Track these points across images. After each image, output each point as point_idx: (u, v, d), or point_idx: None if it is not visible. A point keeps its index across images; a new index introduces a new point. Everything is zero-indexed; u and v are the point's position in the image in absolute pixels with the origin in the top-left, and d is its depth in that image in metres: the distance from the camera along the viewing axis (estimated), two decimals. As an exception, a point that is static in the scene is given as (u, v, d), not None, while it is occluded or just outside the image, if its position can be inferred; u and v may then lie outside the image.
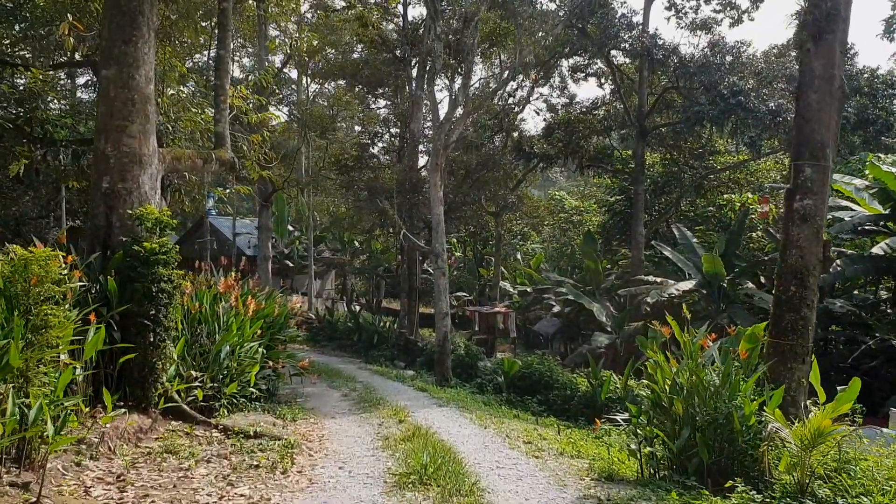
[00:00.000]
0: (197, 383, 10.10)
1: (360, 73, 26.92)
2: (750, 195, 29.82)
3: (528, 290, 32.60)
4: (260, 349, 11.14)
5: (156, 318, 8.54)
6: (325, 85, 44.10)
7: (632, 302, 25.73)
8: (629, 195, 33.94)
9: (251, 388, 11.20)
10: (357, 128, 30.70)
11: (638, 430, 7.60)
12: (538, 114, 43.23)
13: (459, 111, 17.80)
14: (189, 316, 10.88)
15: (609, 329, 23.67)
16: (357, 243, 42.30)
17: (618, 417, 8.32)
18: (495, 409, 13.56)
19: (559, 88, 39.64)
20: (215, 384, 10.53)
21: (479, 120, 23.36)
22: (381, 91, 28.49)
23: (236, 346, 11.04)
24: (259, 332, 12.07)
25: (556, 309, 30.28)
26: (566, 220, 38.93)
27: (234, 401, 10.91)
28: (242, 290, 13.51)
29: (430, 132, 24.16)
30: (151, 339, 8.57)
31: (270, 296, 13.60)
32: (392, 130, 26.11)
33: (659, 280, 24.56)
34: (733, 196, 29.92)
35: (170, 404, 8.91)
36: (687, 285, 22.88)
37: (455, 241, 42.54)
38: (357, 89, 30.47)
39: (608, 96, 30.66)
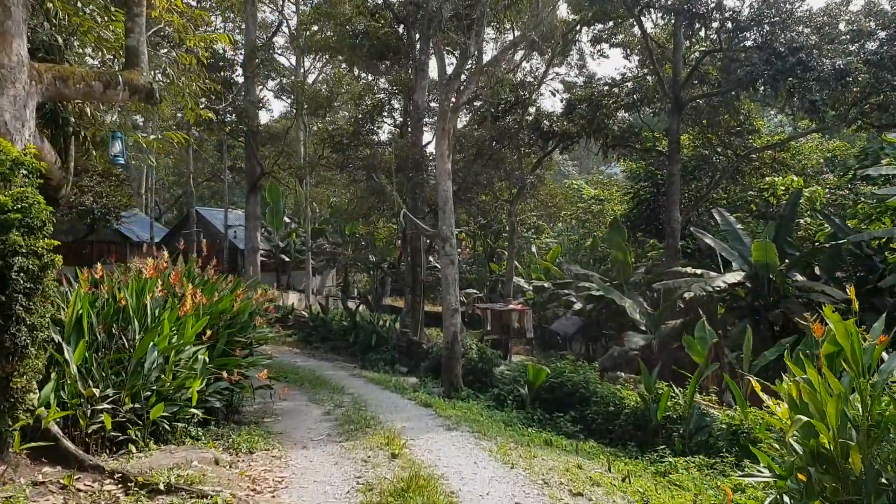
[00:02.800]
0: (106, 405, 7.19)
1: (359, 47, 23.90)
2: (795, 177, 26.67)
3: (546, 285, 29.52)
4: (200, 356, 8.13)
5: (9, 310, 5.55)
6: (324, 68, 41.24)
7: (667, 297, 22.62)
8: (656, 181, 30.88)
9: (192, 409, 8.22)
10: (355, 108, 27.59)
11: (787, 500, 4.48)
12: (554, 94, 40.05)
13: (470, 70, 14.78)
14: (104, 311, 7.92)
15: (643, 328, 20.56)
16: (359, 236, 39.31)
17: (752, 476, 5.14)
18: (519, 432, 10.51)
19: (577, 67, 36.70)
20: (137, 405, 7.60)
21: (495, 91, 20.28)
22: (382, 66, 25.39)
23: (170, 352, 8.08)
24: (209, 332, 9.09)
25: (578, 306, 27.18)
26: (585, 210, 35.80)
27: (168, 427, 7.95)
28: (196, 281, 10.57)
29: (436, 104, 21.15)
30: (6, 345, 5.59)
31: (233, 287, 10.59)
32: (393, 104, 22.99)
33: (698, 272, 21.43)
34: (776, 179, 26.73)
35: (43, 442, 5.97)
36: (735, 277, 19.76)
37: (465, 234, 39.52)
38: (356, 72, 27.52)
39: (636, 68, 27.54)
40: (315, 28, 27.75)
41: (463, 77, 15.38)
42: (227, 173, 39.52)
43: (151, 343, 7.75)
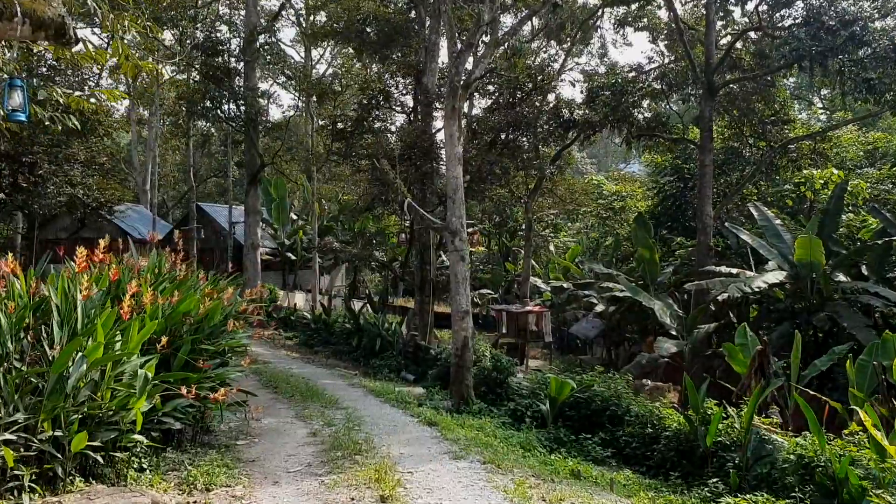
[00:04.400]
0: (9, 435, 5.64)
1: (367, 33, 22.27)
2: (835, 170, 24.70)
3: (565, 285, 27.73)
4: (141, 371, 6.48)
5: None
6: (333, 61, 39.73)
7: (698, 299, 20.79)
8: (682, 175, 29.08)
9: (135, 436, 6.61)
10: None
11: None
12: (574, 85, 38.22)
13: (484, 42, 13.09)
14: (20, 314, 6.33)
15: (674, 333, 18.75)
16: (370, 234, 37.66)
17: None
18: (540, 459, 8.79)
19: (598, 56, 34.97)
20: (60, 432, 6.04)
21: (514, 65, 18.56)
22: (390, 51, 23.69)
23: (106, 365, 6.48)
24: (164, 339, 7.46)
25: (599, 308, 25.35)
26: (605, 206, 33.95)
27: (103, 459, 6.37)
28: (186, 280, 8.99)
29: (446, 90, 19.52)
30: None
31: (187, 284, 8.94)
32: (401, 90, 21.26)
33: (733, 271, 19.60)
34: (814, 171, 24.78)
35: None
36: (776, 277, 17.92)
37: (480, 233, 37.82)
38: (365, 60, 25.88)
39: (662, 53, 25.72)
40: (322, 15, 26.21)
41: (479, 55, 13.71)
42: (233, 168, 38.13)
43: (78, 353, 6.13)
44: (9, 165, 15.89)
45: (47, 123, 5.49)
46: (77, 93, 7.42)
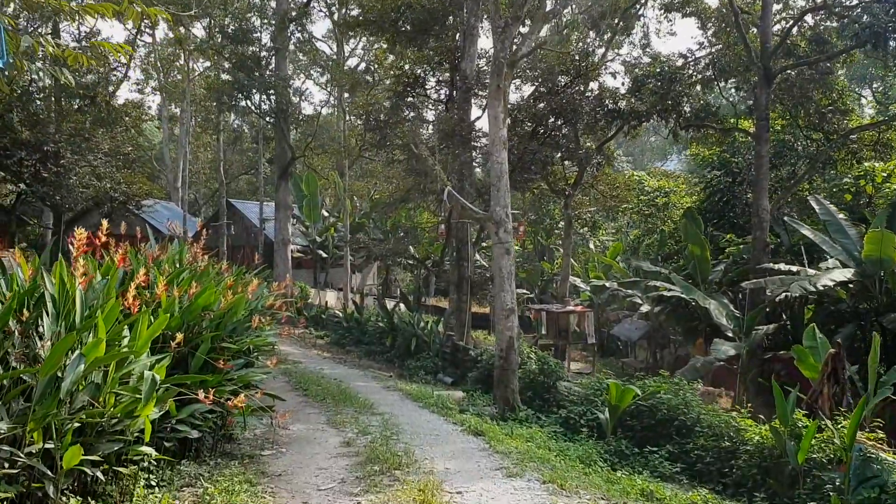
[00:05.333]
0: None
1: (400, 21, 21.28)
2: (899, 163, 23.07)
3: (607, 284, 26.44)
4: (148, 372, 5.54)
5: None
6: (365, 56, 38.89)
7: (753, 298, 19.43)
8: (731, 169, 27.59)
9: (142, 448, 5.70)
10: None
11: None
12: (615, 77, 36.93)
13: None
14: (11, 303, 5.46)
15: (730, 334, 17.43)
16: (403, 232, 36.75)
17: None
18: (604, 477, 7.69)
19: (641, 46, 33.64)
20: (52, 444, 5.16)
21: (563, 38, 17.43)
22: (425, 41, 22.63)
23: (109, 365, 5.57)
24: (178, 336, 6.54)
25: (645, 308, 24.03)
26: (648, 202, 32.54)
27: (104, 475, 5.48)
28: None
29: (490, 68, 18.47)
30: None
31: (208, 275, 8.05)
32: (437, 77, 20.20)
33: (794, 269, 18.21)
34: (875, 164, 23.20)
35: None
36: (843, 274, 16.49)
37: (525, 226, 36.63)
38: (398, 51, 24.90)
39: (712, 39, 24.33)
40: (354, 9, 25.25)
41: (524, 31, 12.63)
42: (264, 166, 37.52)
43: (75, 351, 5.22)
44: (30, 154, 15.25)
45: (35, 77, 4.58)
46: (73, 45, 6.57)
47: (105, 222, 6.71)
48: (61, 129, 16.11)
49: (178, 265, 8.41)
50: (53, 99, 18.44)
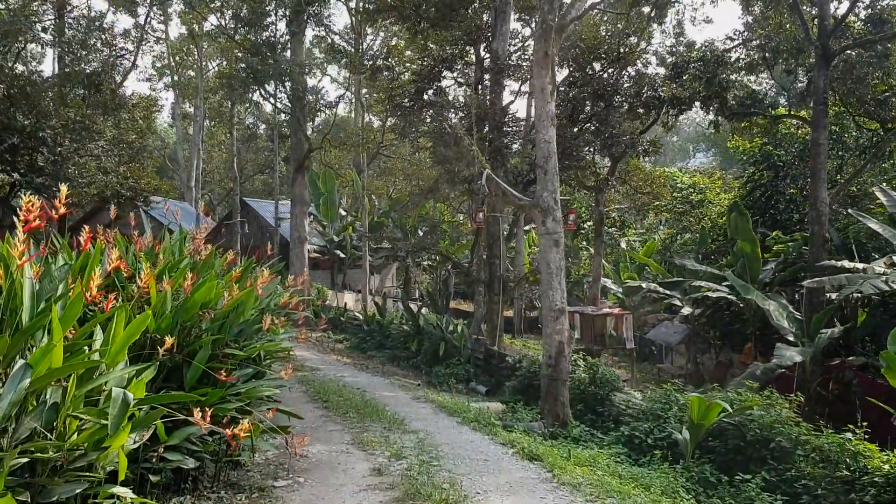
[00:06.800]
0: None
1: (424, 4, 19.77)
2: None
3: (643, 285, 24.76)
4: (119, 390, 4.07)
5: None
6: (383, 49, 37.46)
7: (812, 298, 17.77)
8: (773, 162, 25.92)
9: (113, 489, 4.23)
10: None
11: None
12: (646, 67, 35.39)
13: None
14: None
15: (791, 338, 15.77)
16: (423, 233, 35.26)
17: None
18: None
19: (674, 35, 32.05)
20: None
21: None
22: (450, 25, 21.12)
23: (67, 378, 4.11)
24: (169, 340, 5.07)
25: (686, 311, 22.38)
26: (682, 199, 30.88)
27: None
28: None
29: (536, 32, 16.97)
30: None
31: (209, 266, 6.63)
32: (466, 56, 18.64)
33: (860, 266, 16.52)
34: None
35: None
36: (923, 272, 14.83)
37: (534, 233, 35.07)
38: (419, 42, 23.44)
39: (757, 21, 22.64)
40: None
41: None
42: (280, 165, 36.25)
43: (17, 360, 3.80)
44: (24, 141, 13.91)
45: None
46: None
47: (114, 209, 5.57)
48: (59, 115, 14.79)
49: (175, 256, 6.98)
50: (55, 87, 17.20)
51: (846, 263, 16.99)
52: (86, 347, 4.31)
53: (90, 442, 4.15)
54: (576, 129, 16.57)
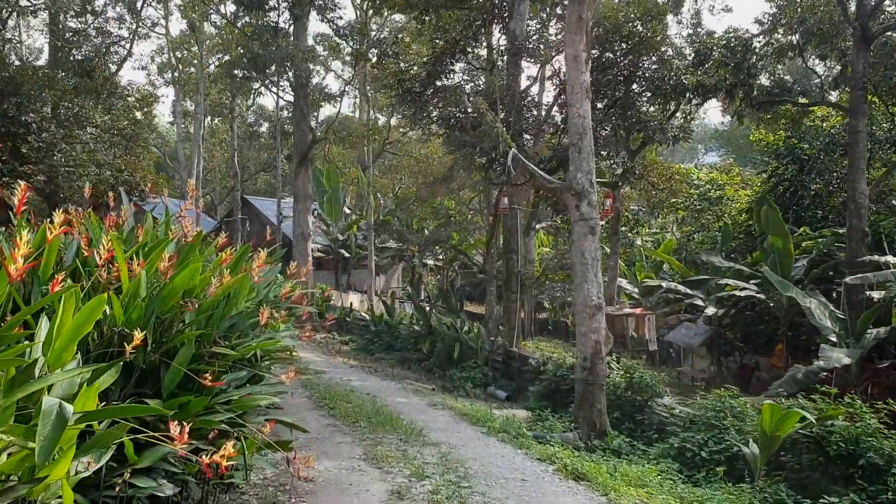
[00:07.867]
0: None
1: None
2: None
3: (663, 285, 23.59)
4: (54, 400, 2.95)
5: None
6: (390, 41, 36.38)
7: (850, 296, 16.63)
8: (798, 156, 24.76)
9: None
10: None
11: None
12: (664, 55, 34.16)
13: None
14: None
15: (834, 338, 14.59)
16: (427, 231, 34.13)
17: None
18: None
19: (692, 25, 30.85)
20: None
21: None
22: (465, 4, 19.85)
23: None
24: (138, 336, 3.91)
25: (711, 311, 21.19)
26: (701, 196, 29.73)
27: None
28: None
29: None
30: None
31: (194, 248, 5.50)
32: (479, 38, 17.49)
33: (906, 262, 15.38)
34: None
35: None
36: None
37: (542, 233, 34.01)
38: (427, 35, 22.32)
39: (782, 7, 21.53)
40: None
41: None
42: (282, 162, 35.18)
43: None
44: (6, 127, 12.82)
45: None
46: None
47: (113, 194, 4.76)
48: (42, 98, 13.72)
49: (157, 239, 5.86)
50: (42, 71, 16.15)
51: (891, 259, 15.86)
52: (15, 342, 3.22)
53: (22, 471, 3.06)
54: (600, 113, 15.43)
